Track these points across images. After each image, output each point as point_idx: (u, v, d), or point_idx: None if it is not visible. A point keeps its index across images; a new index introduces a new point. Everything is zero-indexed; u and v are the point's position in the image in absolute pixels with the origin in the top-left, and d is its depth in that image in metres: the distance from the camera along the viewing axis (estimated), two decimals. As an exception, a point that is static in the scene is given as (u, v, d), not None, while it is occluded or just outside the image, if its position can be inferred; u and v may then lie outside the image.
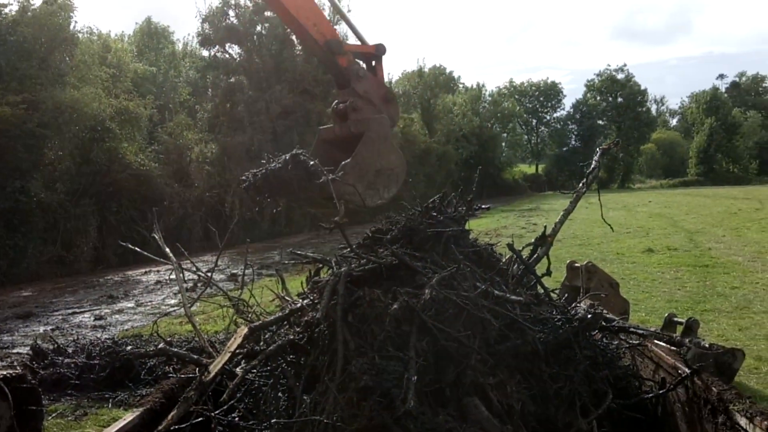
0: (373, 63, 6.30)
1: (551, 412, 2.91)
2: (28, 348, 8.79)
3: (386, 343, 3.04)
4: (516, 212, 33.46)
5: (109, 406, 6.95)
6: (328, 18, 6.39)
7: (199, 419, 3.12)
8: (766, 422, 2.55)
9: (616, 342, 3.82)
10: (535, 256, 4.87)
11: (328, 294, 3.35)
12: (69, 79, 18.59)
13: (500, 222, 26.38)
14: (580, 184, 5.01)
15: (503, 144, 68.87)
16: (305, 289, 4.01)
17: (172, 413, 2.98)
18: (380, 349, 3.03)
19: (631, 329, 3.82)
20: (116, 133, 19.26)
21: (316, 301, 3.49)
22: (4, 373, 5.71)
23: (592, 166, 4.95)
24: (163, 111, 24.92)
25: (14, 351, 9.42)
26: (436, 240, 3.78)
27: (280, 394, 3.28)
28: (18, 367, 7.11)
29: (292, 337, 3.42)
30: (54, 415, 6.69)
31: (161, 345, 7.19)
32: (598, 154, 5.05)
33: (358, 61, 6.15)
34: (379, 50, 6.30)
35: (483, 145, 52.63)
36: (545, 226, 5.49)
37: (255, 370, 3.45)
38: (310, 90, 29.09)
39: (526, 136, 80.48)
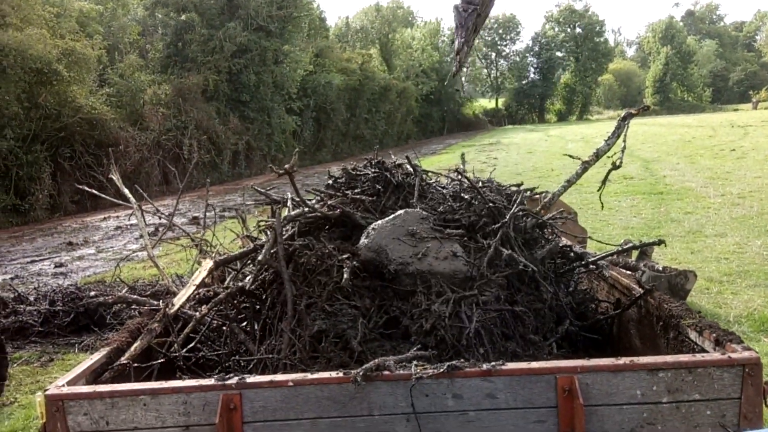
0: None
1: (516, 333, 3.02)
2: (-13, 298, 8.66)
3: (335, 294, 3.08)
4: (477, 147, 33.61)
5: (76, 351, 6.96)
6: None
7: (161, 360, 3.15)
8: (714, 334, 2.68)
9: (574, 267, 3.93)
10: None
11: (271, 239, 3.35)
12: (11, 19, 17.69)
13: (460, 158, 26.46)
14: (591, 155, 4.68)
15: (463, 79, 68.54)
16: (263, 229, 4.00)
17: (135, 344, 3.01)
18: (330, 299, 3.07)
19: (588, 256, 3.94)
20: (64, 76, 18.51)
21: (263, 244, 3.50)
22: (-35, 322, 5.65)
23: (615, 129, 4.68)
24: (112, 52, 23.95)
25: (-27, 301, 9.27)
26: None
27: (238, 333, 3.32)
28: (-21, 317, 7.03)
29: (241, 284, 3.44)
30: (19, 362, 6.67)
31: (124, 291, 7.19)
32: (623, 118, 4.76)
33: None
34: None
35: (443, 80, 52.29)
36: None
37: (212, 313, 3.47)
38: (266, 27, 28.27)
39: (485, 70, 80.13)
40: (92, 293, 8.11)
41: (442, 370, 2.40)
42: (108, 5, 25.39)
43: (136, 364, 2.97)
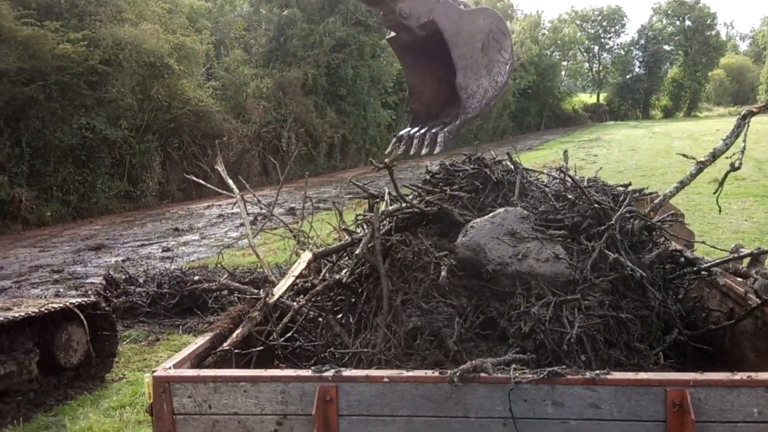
0: None
1: (620, 340, 2.88)
2: (101, 278, 9.24)
3: (432, 291, 3.05)
4: (575, 143, 32.61)
5: (179, 332, 7.31)
6: None
7: (261, 348, 3.23)
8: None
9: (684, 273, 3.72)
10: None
11: (369, 233, 3.35)
12: (127, 15, 18.75)
13: (558, 154, 25.79)
14: (707, 155, 4.40)
15: (563, 73, 66.56)
16: (361, 223, 4.02)
17: (237, 331, 3.11)
18: (426, 296, 3.04)
19: (700, 262, 3.70)
20: (175, 70, 19.46)
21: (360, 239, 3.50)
22: (79, 300, 6.05)
23: (734, 128, 4.38)
24: (219, 47, 24.95)
25: (88, 281, 9.93)
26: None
27: (334, 325, 3.35)
28: (92, 296, 7.50)
29: (338, 277, 3.47)
30: (128, 340, 7.07)
31: (225, 278, 7.47)
32: (743, 117, 4.43)
33: None
34: None
35: (542, 74, 50.97)
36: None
37: (309, 304, 3.52)
38: (364, 21, 28.55)
39: (587, 64, 77.50)
40: (196, 278, 8.49)
41: (542, 375, 2.32)
42: (216, 2, 26.41)
43: (237, 351, 3.06)
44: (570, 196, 3.48)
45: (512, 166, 3.85)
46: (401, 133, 3.97)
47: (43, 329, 5.71)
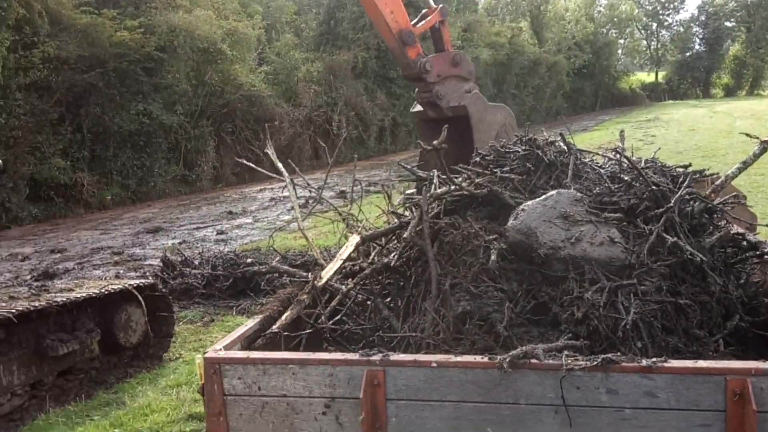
0: (437, 25, 6.78)
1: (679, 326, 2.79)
2: (158, 260, 9.49)
3: (481, 275, 3.00)
4: (632, 123, 31.66)
5: (233, 313, 7.44)
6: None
7: (309, 331, 3.25)
8: None
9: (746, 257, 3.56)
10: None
11: (417, 217, 3.32)
12: (181, 2, 19.07)
13: (614, 135, 25.10)
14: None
15: (619, 51, 64.63)
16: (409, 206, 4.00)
17: (286, 314, 3.15)
18: (475, 280, 2.99)
19: (763, 246, 3.54)
20: (228, 55, 19.72)
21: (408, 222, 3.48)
22: (138, 282, 6.22)
23: None
24: (270, 31, 25.16)
25: (146, 263, 10.21)
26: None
27: (382, 309, 3.34)
28: (150, 278, 7.71)
29: (386, 260, 3.45)
30: (184, 321, 7.25)
31: (275, 261, 7.58)
32: None
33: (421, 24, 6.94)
34: (444, 13, 6.76)
35: (597, 52, 49.61)
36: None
37: (357, 287, 3.52)
38: (415, 3, 28.28)
39: (644, 42, 75.04)
40: (248, 260, 8.63)
41: (596, 362, 2.26)
42: (267, -14, 26.59)
43: (285, 333, 3.09)
44: (626, 178, 3.37)
45: (565, 147, 3.74)
46: None
47: (104, 310, 5.90)
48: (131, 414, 5.09)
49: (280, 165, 4.99)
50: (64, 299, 5.37)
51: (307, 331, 3.23)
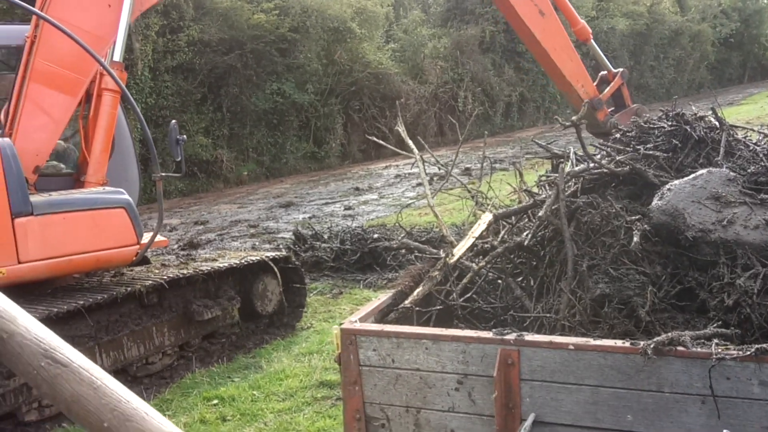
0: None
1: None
2: (290, 234, 9.92)
3: (621, 257, 2.86)
4: (788, 97, 28.91)
5: (360, 286, 7.65)
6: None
7: (440, 307, 3.26)
8: None
9: None
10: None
11: (553, 195, 3.20)
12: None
13: (765, 109, 23.02)
14: None
15: None
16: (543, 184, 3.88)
17: (417, 289, 3.18)
18: (615, 262, 2.86)
19: None
20: (357, 33, 20.05)
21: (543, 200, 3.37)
22: (273, 254, 6.54)
23: None
24: (398, 8, 25.25)
25: (279, 236, 10.70)
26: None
27: (514, 288, 3.29)
28: (284, 250, 8.08)
29: (519, 239, 3.37)
30: (315, 292, 7.54)
31: (402, 237, 7.68)
32: None
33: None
34: (624, 77, 7.45)
35: (746, 20, 45.48)
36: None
37: (489, 266, 3.48)
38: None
39: (805, 6, 67.89)
40: (375, 236, 8.80)
41: (749, 352, 2.11)
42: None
43: (417, 308, 3.13)
44: (787, 156, 3.09)
45: (716, 123, 3.48)
46: None
47: (243, 279, 6.27)
48: (268, 378, 5.39)
49: (410, 141, 5.01)
50: (209, 268, 5.77)
51: (438, 307, 3.26)
